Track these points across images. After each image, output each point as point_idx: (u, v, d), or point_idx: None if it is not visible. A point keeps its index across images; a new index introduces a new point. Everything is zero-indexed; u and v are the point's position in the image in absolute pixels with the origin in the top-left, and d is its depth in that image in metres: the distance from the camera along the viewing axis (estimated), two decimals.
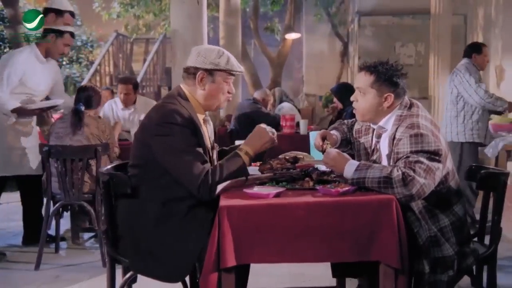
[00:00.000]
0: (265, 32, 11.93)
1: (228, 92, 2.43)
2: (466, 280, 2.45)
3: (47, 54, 4.14)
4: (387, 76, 2.32)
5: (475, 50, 4.84)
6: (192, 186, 2.20)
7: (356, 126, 2.64)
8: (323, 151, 2.44)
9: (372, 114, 2.38)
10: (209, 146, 2.43)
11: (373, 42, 9.69)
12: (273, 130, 2.41)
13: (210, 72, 2.35)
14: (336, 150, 2.34)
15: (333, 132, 2.62)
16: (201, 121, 2.40)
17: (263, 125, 2.38)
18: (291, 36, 11.19)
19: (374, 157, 2.46)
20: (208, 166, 2.24)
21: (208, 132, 2.48)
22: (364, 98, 2.37)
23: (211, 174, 2.20)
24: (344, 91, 5.23)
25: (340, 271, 2.74)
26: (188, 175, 2.20)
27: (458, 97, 4.82)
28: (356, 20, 10.14)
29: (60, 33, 4.05)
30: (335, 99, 5.39)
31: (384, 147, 2.37)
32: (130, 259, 2.33)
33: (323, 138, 2.53)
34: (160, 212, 2.27)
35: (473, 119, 4.80)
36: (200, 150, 2.26)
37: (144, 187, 2.31)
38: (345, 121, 2.77)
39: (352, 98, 2.44)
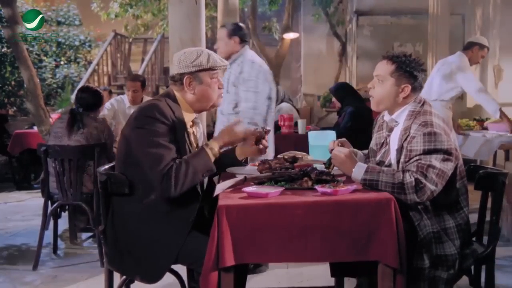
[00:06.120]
0: (263, 32, 11.90)
1: (219, 88, 2.43)
2: (464, 279, 2.45)
3: None
4: (408, 68, 2.35)
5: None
6: (155, 180, 2.18)
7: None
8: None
9: (387, 103, 2.41)
10: (195, 148, 2.42)
11: (371, 42, 9.68)
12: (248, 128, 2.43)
13: (195, 74, 2.36)
14: (350, 149, 2.36)
15: (356, 150, 2.57)
16: (189, 123, 2.40)
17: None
18: (289, 36, 11.18)
19: (382, 151, 2.47)
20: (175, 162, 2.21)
21: (196, 134, 2.48)
22: (381, 86, 2.39)
23: (175, 170, 2.17)
24: (343, 90, 5.23)
25: (338, 271, 2.74)
26: (153, 168, 2.18)
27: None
28: (354, 20, 10.13)
29: (482, 47, 5.03)
30: (333, 99, 5.39)
31: (394, 141, 2.39)
32: (111, 256, 2.34)
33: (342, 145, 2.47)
34: (139, 210, 2.27)
35: None
36: (173, 147, 2.23)
37: (125, 183, 2.30)
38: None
39: (369, 85, 2.46)
